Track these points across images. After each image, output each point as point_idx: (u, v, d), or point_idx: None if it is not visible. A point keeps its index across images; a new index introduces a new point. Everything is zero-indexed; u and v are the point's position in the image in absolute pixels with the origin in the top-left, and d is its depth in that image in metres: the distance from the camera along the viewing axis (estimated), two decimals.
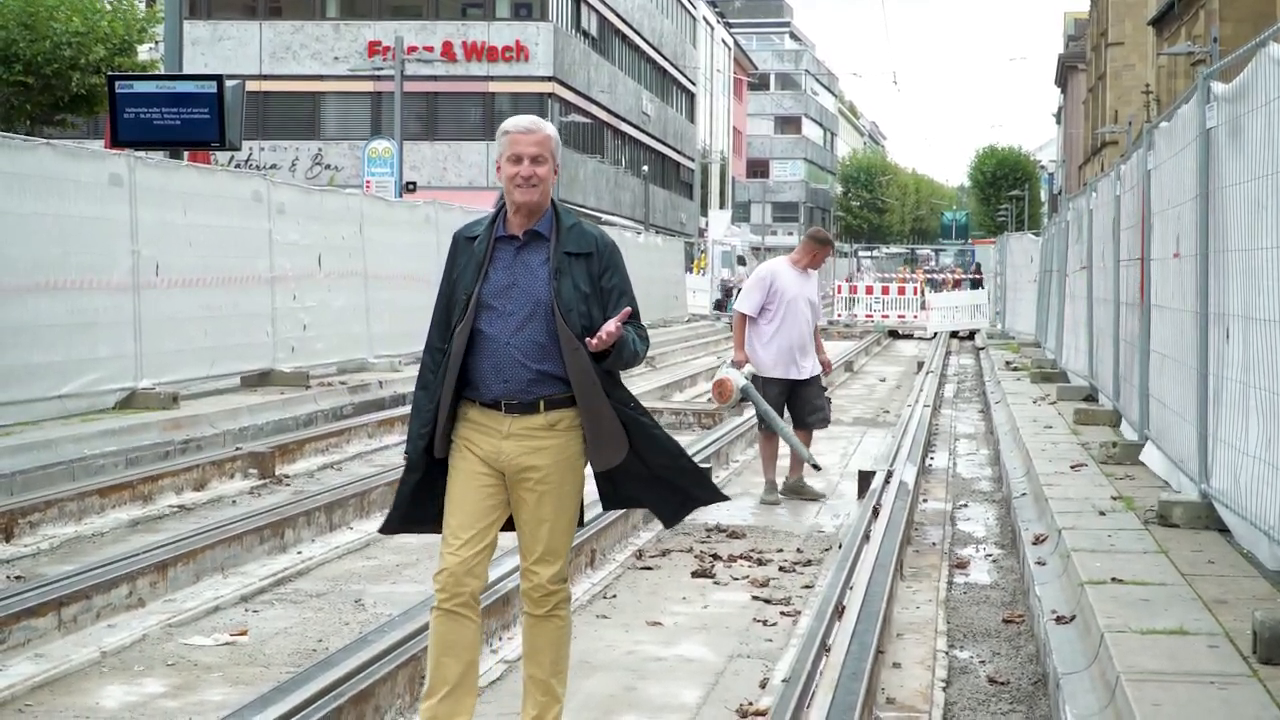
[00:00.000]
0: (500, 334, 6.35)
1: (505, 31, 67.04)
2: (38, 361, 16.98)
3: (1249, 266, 9.56)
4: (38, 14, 38.62)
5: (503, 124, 6.55)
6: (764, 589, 10.61)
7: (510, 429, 6.39)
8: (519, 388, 6.36)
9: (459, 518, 6.43)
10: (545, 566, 6.46)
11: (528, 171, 6.35)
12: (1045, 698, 7.86)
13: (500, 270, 6.42)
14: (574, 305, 6.33)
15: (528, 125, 6.48)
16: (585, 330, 6.31)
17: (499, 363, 6.35)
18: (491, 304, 6.36)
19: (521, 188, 6.36)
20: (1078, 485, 12.79)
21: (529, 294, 6.37)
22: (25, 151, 17.38)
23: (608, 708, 7.80)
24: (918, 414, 20.32)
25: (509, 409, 6.38)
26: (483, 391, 6.41)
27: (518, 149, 6.38)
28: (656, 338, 42.73)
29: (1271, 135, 8.91)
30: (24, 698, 7.92)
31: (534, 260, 6.43)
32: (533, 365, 6.35)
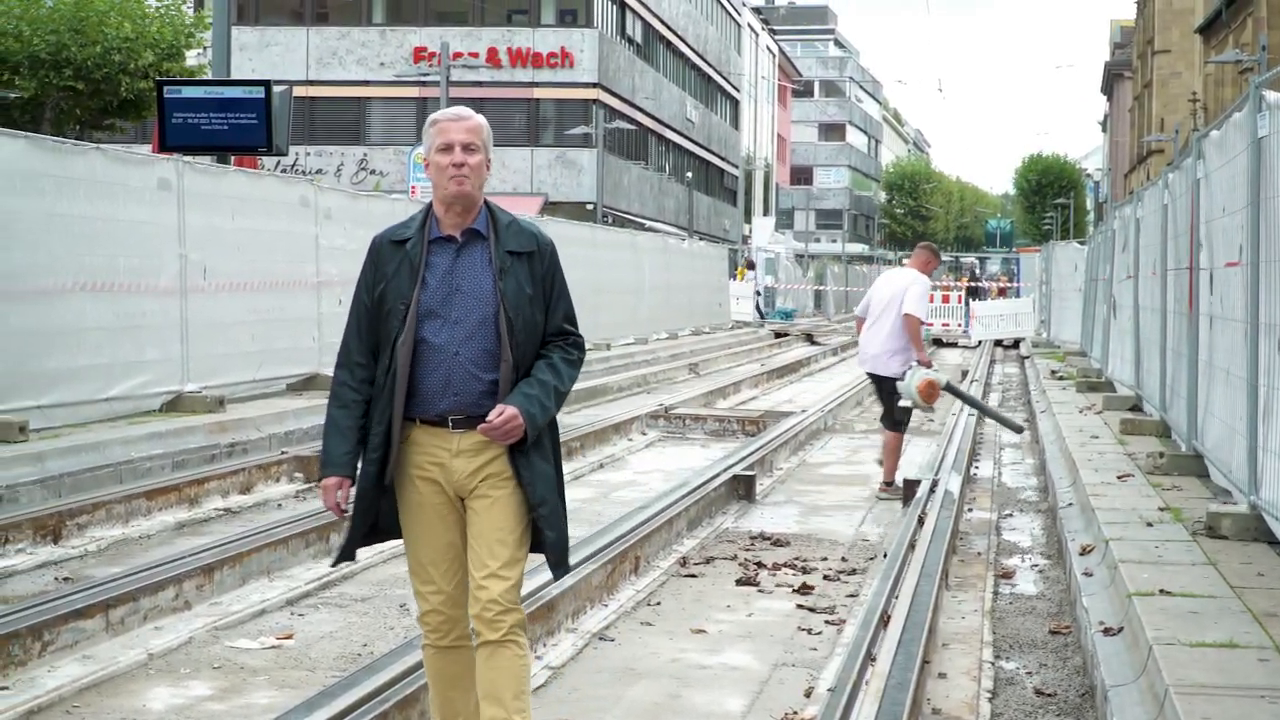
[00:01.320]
0: (448, 344, 5.88)
1: (550, 38, 67.12)
2: (84, 364, 17.05)
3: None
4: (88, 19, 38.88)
5: (430, 116, 6.12)
6: (808, 597, 10.58)
7: (459, 446, 5.93)
8: (469, 401, 5.89)
9: (428, 553, 6.03)
10: (498, 581, 5.86)
11: (459, 159, 5.89)
12: (1093, 710, 7.82)
13: (439, 275, 5.94)
14: (520, 308, 5.91)
15: (457, 113, 6.06)
16: (531, 335, 5.96)
17: (448, 375, 5.88)
18: (435, 312, 5.90)
19: (454, 179, 5.89)
20: (1125, 496, 12.72)
21: (475, 298, 5.91)
22: (75, 156, 17.45)
23: (652, 715, 7.78)
24: (963, 423, 20.25)
25: (456, 424, 5.91)
26: (426, 407, 5.92)
27: (447, 137, 5.93)
28: (703, 343, 42.78)
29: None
30: (72, 699, 7.95)
31: (475, 261, 5.97)
32: (485, 376, 5.90)
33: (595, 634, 9.41)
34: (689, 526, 13.01)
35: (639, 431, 21.02)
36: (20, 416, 15.48)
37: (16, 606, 9.19)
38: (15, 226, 16.04)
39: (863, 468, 17.89)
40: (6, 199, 15.96)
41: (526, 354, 5.97)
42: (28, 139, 16.85)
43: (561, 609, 9.43)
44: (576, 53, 66.91)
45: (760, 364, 37.15)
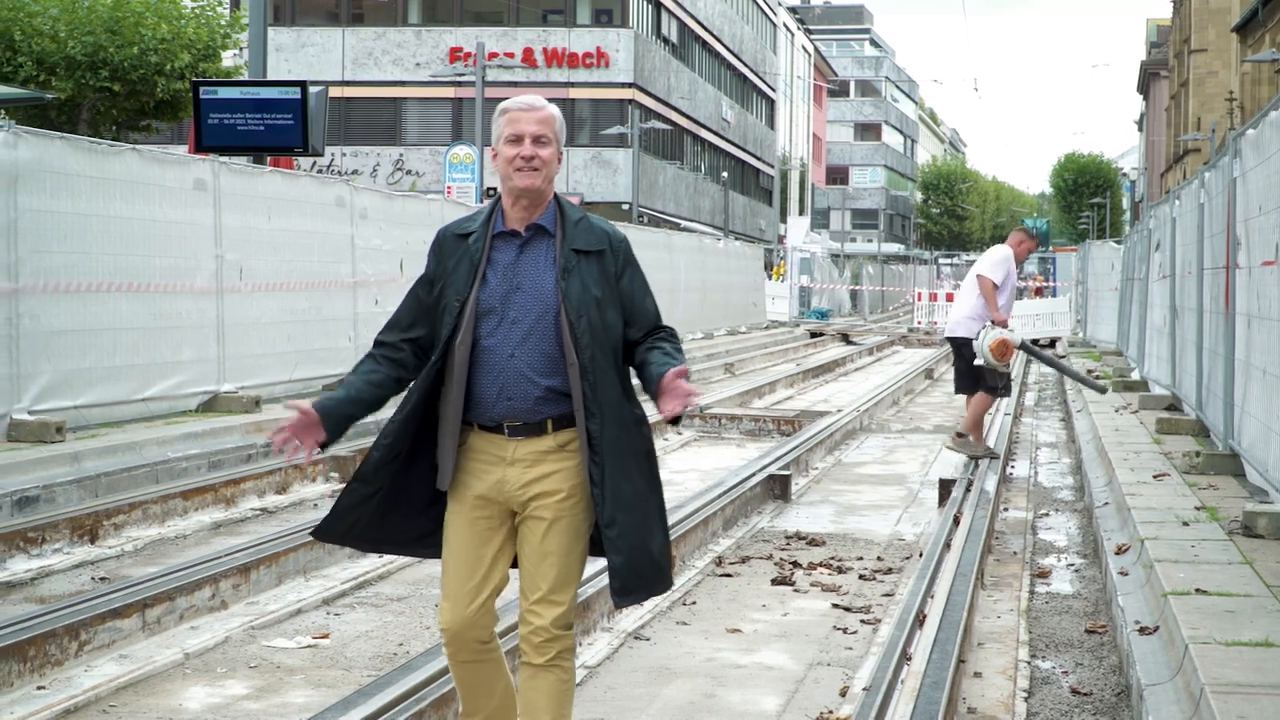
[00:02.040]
0: (503, 346, 5.58)
1: (586, 38, 67.17)
2: (121, 364, 17.14)
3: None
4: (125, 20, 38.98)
5: (501, 104, 5.78)
6: (844, 597, 10.58)
7: (515, 454, 5.63)
8: (525, 407, 5.59)
9: (457, 570, 5.70)
10: (549, 608, 5.62)
11: (529, 152, 5.57)
12: (1128, 709, 7.80)
13: (500, 271, 5.64)
14: (584, 311, 5.55)
15: (529, 102, 5.69)
16: (601, 339, 5.58)
17: (503, 380, 5.57)
18: (493, 310, 5.59)
19: (522, 171, 5.58)
20: (1161, 495, 12.68)
21: (535, 298, 5.59)
22: (112, 156, 17.53)
23: (687, 715, 7.78)
24: (999, 422, 20.21)
25: (513, 431, 5.61)
26: (481, 413, 5.62)
27: (518, 128, 5.62)
28: (738, 342, 42.81)
29: None
30: (108, 698, 7.97)
31: (539, 259, 5.65)
32: (541, 381, 5.58)
33: (631, 633, 9.41)
34: (724, 526, 13.01)
35: (675, 431, 21.02)
36: (57, 417, 15.57)
37: (53, 606, 9.22)
38: (52, 227, 16.12)
39: (899, 467, 17.87)
40: (44, 200, 16.04)
41: (597, 359, 5.55)
42: (65, 140, 16.92)
43: (597, 608, 9.43)
44: (612, 53, 66.95)
45: (796, 364, 37.12)
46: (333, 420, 5.65)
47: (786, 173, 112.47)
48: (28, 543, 11.56)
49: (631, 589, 5.71)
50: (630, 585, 5.68)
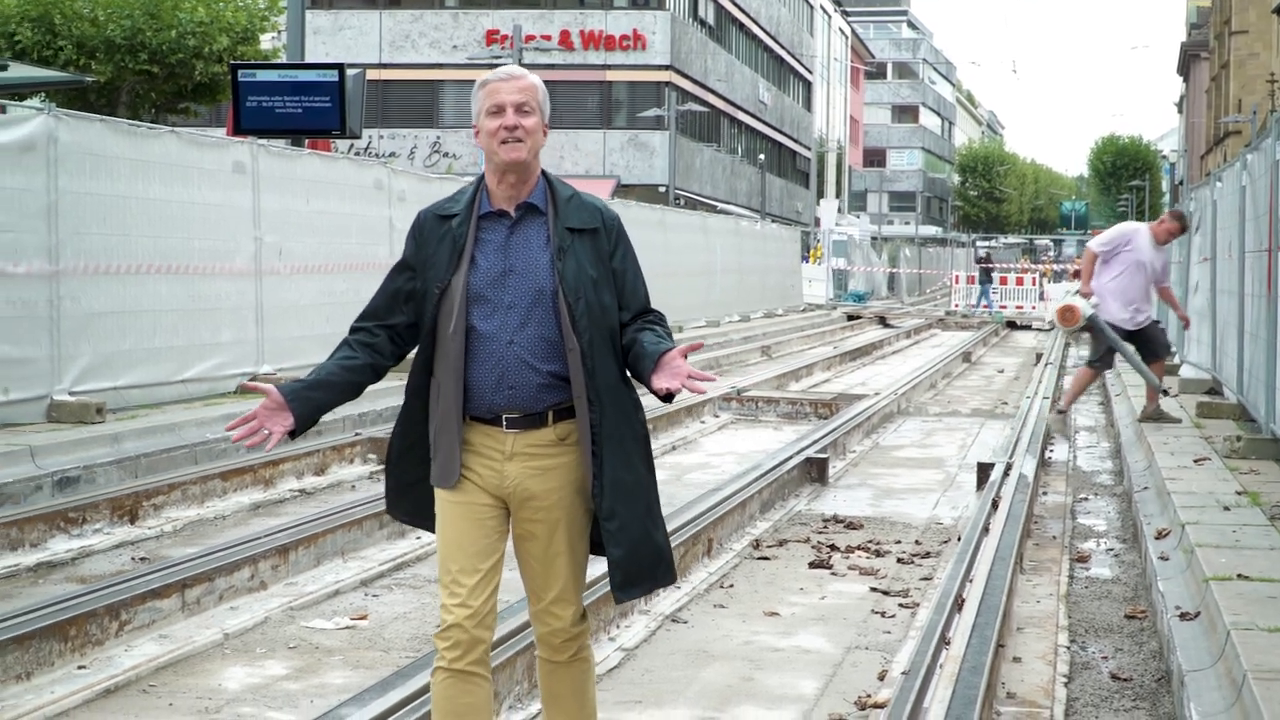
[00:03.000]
0: (500, 332, 5.26)
1: (623, 20, 67.11)
2: (160, 346, 17.21)
3: None
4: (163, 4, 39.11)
5: (480, 78, 5.44)
6: (882, 580, 10.56)
7: (514, 448, 5.32)
8: (526, 396, 5.28)
9: (460, 561, 5.35)
10: (565, 607, 5.41)
11: (512, 122, 5.23)
12: (1169, 695, 7.76)
13: (491, 254, 5.32)
14: (581, 292, 5.25)
15: (508, 72, 5.37)
16: (599, 321, 5.29)
17: (503, 367, 5.26)
18: (485, 295, 5.28)
19: (507, 143, 5.23)
20: (1201, 480, 12.63)
21: (530, 281, 5.28)
22: (151, 139, 17.59)
23: (725, 697, 7.78)
24: (1037, 406, 20.14)
25: (511, 424, 5.30)
26: (478, 404, 5.31)
27: (498, 98, 5.28)
28: (775, 325, 42.78)
29: None
30: (149, 678, 8.02)
31: (532, 240, 5.34)
32: (542, 367, 5.28)
33: (668, 616, 9.40)
34: (762, 509, 13.00)
35: (711, 414, 21.01)
36: (97, 398, 15.64)
37: (93, 586, 9.26)
38: (92, 209, 16.18)
39: (936, 450, 17.84)
40: (83, 181, 16.10)
41: (595, 342, 5.27)
42: (104, 122, 16.99)
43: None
44: (649, 35, 66.88)
45: (833, 346, 37.10)
46: (300, 403, 5.34)
47: (823, 155, 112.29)
48: (68, 523, 11.62)
49: (635, 581, 5.43)
50: (633, 578, 5.40)
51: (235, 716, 7.38)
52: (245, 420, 5.30)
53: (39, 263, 15.47)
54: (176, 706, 7.56)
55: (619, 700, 7.66)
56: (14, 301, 15.13)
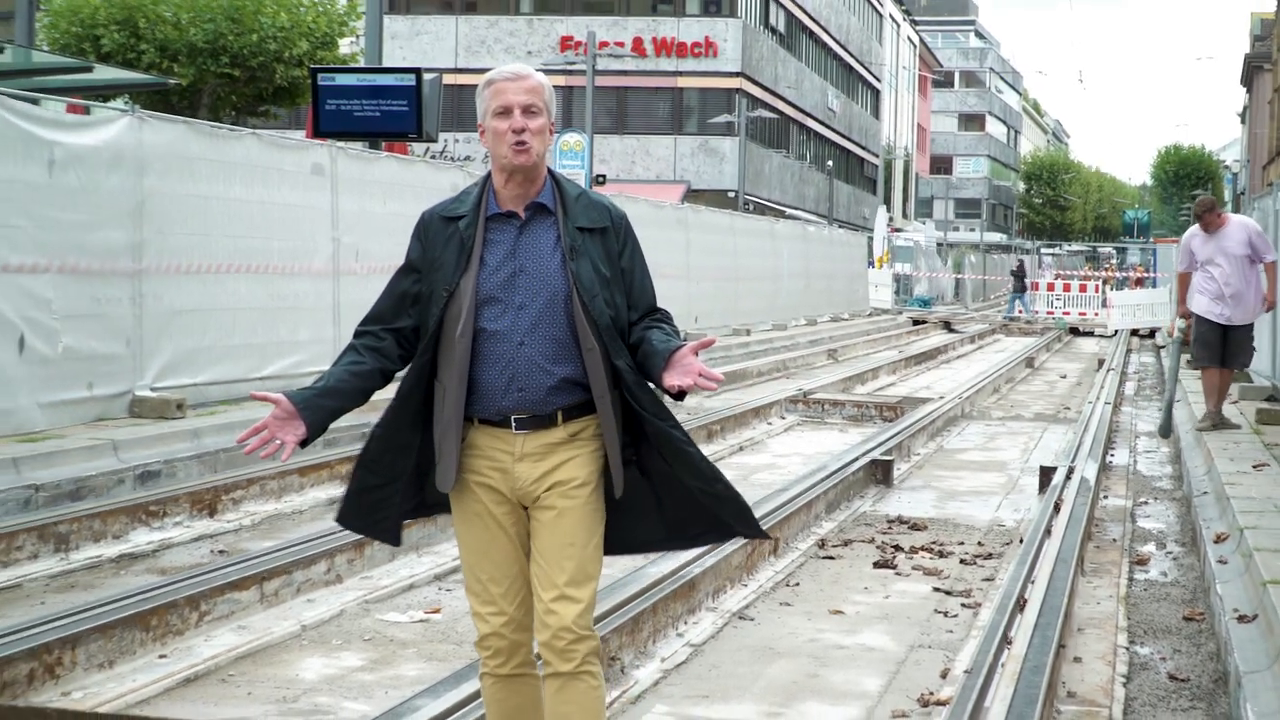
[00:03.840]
0: (511, 334, 5.03)
1: (695, 27, 67.10)
2: (238, 343, 17.32)
3: None
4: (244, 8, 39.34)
5: (485, 76, 5.20)
6: (945, 580, 10.55)
7: (523, 449, 5.09)
8: (536, 398, 5.05)
9: (488, 570, 5.18)
10: (568, 604, 5.03)
11: (519, 124, 5.01)
12: (1226, 696, 7.74)
13: (501, 255, 5.08)
14: (596, 291, 5.04)
15: (515, 71, 5.13)
16: (611, 321, 5.07)
17: (513, 370, 5.03)
18: (495, 297, 5.05)
19: (514, 145, 5.02)
20: (1260, 484, 12.56)
21: (541, 282, 5.05)
22: (232, 141, 17.71)
23: (790, 694, 7.79)
24: (1099, 411, 20.10)
25: (520, 425, 5.07)
26: (486, 406, 5.08)
27: (505, 99, 5.05)
28: (841, 329, 42.72)
29: None
30: (227, 667, 8.09)
31: (542, 240, 5.10)
32: (554, 369, 5.04)
33: (735, 613, 9.43)
34: (827, 509, 13.00)
35: (778, 415, 21.01)
36: (178, 394, 15.76)
37: (174, 578, 9.36)
38: (174, 209, 16.31)
39: (999, 454, 17.79)
40: (166, 182, 16.22)
41: (612, 340, 5.08)
42: (186, 124, 17.12)
43: (702, 588, 9.47)
44: (720, 42, 66.85)
45: (898, 350, 36.97)
46: (311, 412, 5.18)
47: (890, 162, 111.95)
48: (149, 516, 11.72)
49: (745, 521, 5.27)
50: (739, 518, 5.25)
51: (312, 706, 7.44)
52: (256, 430, 5.14)
53: (123, 261, 15.61)
54: (255, 695, 7.62)
55: (686, 695, 7.69)
56: (99, 299, 15.26)
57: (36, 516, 11.19)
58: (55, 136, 14.84)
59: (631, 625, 8.22)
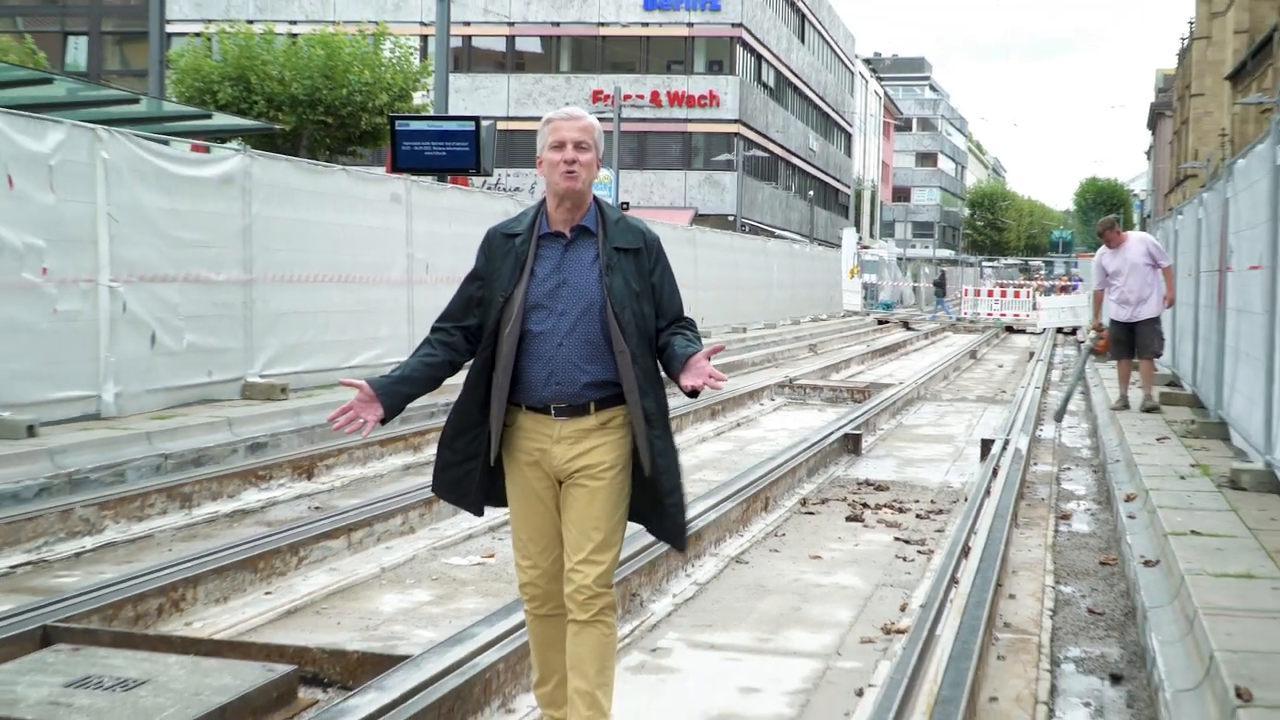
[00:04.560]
0: (551, 335, 4.98)
1: (701, 83, 67.00)
2: (330, 339, 17.36)
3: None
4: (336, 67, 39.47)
5: (545, 115, 5.14)
6: (904, 532, 10.52)
7: (560, 432, 5.04)
8: (571, 391, 5.00)
9: (528, 532, 5.18)
10: (591, 567, 5.01)
11: (570, 156, 4.96)
12: (1134, 626, 7.70)
13: (547, 268, 5.04)
14: (627, 303, 4.98)
15: (570, 112, 5.09)
16: (638, 329, 5.02)
17: (552, 366, 4.99)
18: (541, 304, 4.99)
19: (566, 175, 4.98)
20: (1163, 454, 12.51)
21: (580, 293, 5.00)
22: (326, 175, 17.74)
23: (778, 623, 7.77)
24: (1029, 394, 20.04)
25: (559, 412, 5.03)
26: (530, 395, 5.04)
27: (560, 135, 5.00)
28: (820, 328, 42.63)
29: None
30: (321, 602, 8.10)
31: (583, 257, 5.05)
32: (586, 367, 4.99)
33: (733, 558, 9.42)
34: (808, 474, 12.97)
35: (769, 398, 20.98)
36: (281, 380, 15.81)
37: (278, 529, 9.37)
38: (278, 230, 16.35)
39: (948, 429, 17.74)
40: (274, 209, 16.27)
41: (640, 345, 5.03)
42: (290, 161, 17.15)
43: (707, 537, 9.45)
44: (722, 95, 66.76)
45: (866, 345, 36.89)
46: (388, 396, 5.11)
47: (860, 192, 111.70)
48: (258, 479, 11.74)
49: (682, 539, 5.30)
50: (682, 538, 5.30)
51: (389, 633, 7.44)
52: (343, 410, 5.08)
53: (236, 272, 15.64)
54: (343, 625, 7.63)
55: (694, 624, 7.67)
56: (216, 303, 15.30)
57: (165, 480, 11.23)
58: (181, 171, 14.87)
59: (649, 568, 8.21)
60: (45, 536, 9.42)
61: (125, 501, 10.27)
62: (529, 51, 68.29)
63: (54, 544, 9.39)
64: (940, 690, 5.91)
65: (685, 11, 66.78)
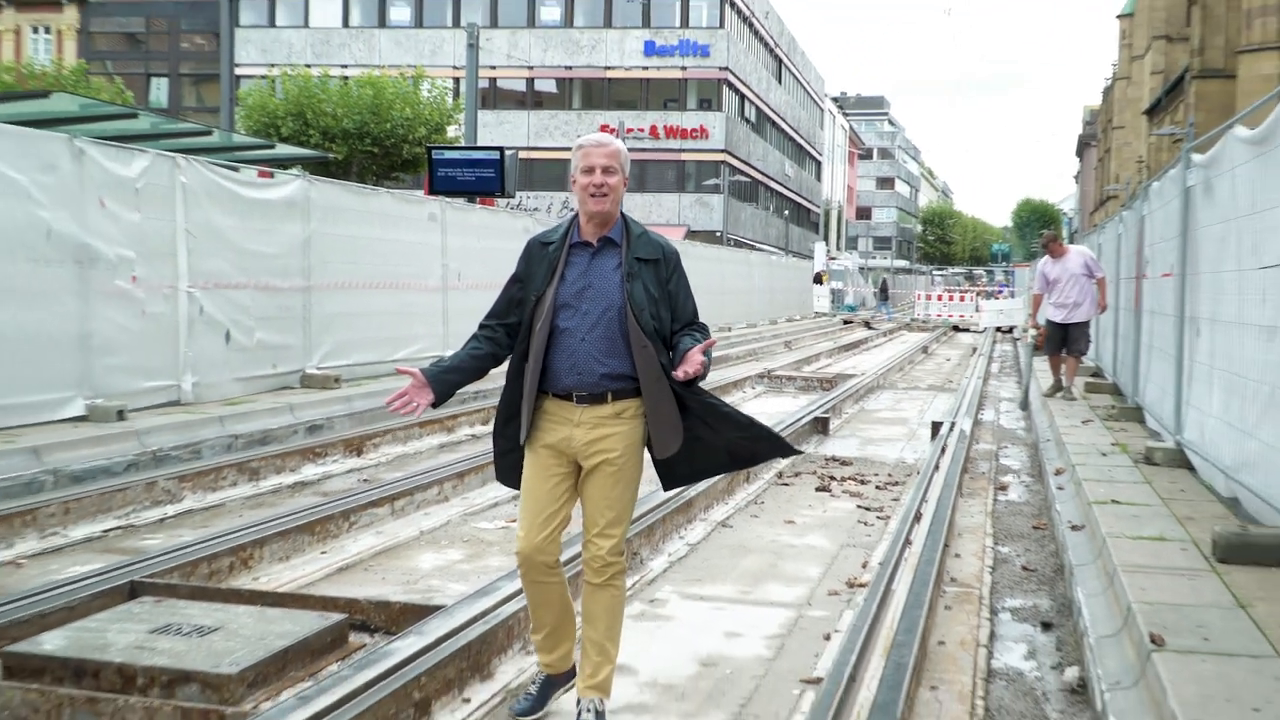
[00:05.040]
0: (576, 331, 4.87)
1: (692, 118, 66.86)
2: (376, 337, 17.38)
3: (1215, 284, 9.30)
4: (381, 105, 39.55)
5: (578, 141, 5.04)
6: (865, 500, 10.51)
7: (580, 417, 4.90)
8: (590, 380, 4.87)
9: (530, 505, 5.00)
10: (606, 540, 4.94)
11: (599, 180, 4.88)
12: (1063, 581, 7.71)
13: (575, 273, 4.93)
14: (644, 306, 4.86)
15: (599, 139, 4.98)
16: (655, 330, 4.90)
17: (575, 359, 4.87)
18: (569, 304, 4.89)
19: (595, 196, 4.88)
20: (1087, 435, 12.51)
21: (603, 296, 4.89)
22: (372, 197, 17.75)
23: (758, 578, 7.77)
24: (972, 384, 20.03)
25: (580, 400, 4.90)
26: (555, 383, 4.92)
27: (590, 160, 4.91)
28: (794, 327, 42.58)
29: (1234, 191, 8.65)
30: (369, 560, 8.10)
31: (608, 265, 4.94)
32: (604, 360, 4.87)
33: (719, 522, 9.41)
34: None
35: (750, 386, 20.97)
36: (335, 372, 15.82)
37: (332, 498, 9.37)
38: (331, 244, 16.35)
39: (903, 413, 17.73)
40: (327, 225, 16.27)
41: (656, 343, 4.91)
42: (342, 186, 17.15)
43: (697, 505, 9.45)
44: (710, 129, 66.63)
45: (833, 341, 36.85)
46: (439, 384, 4.99)
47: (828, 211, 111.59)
48: (315, 455, 11.75)
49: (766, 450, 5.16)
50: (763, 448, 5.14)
51: (427, 586, 7.44)
52: (400, 395, 4.95)
53: (297, 280, 15.65)
54: (387, 579, 7.64)
55: (686, 579, 7.67)
56: (281, 306, 15.31)
57: (236, 456, 11.24)
58: (249, 194, 14.87)
59: (648, 531, 8.22)
60: (133, 505, 9.43)
61: (201, 475, 10.29)
62: (546, 91, 68.18)
63: (140, 511, 9.41)
64: (896, 635, 5.92)
65: (679, 57, 66.67)
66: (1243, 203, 8.35)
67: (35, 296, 11.63)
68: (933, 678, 5.86)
